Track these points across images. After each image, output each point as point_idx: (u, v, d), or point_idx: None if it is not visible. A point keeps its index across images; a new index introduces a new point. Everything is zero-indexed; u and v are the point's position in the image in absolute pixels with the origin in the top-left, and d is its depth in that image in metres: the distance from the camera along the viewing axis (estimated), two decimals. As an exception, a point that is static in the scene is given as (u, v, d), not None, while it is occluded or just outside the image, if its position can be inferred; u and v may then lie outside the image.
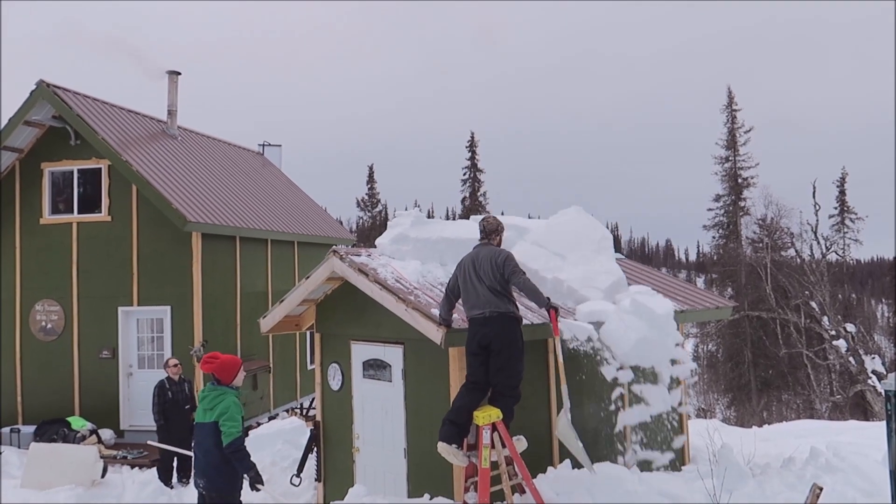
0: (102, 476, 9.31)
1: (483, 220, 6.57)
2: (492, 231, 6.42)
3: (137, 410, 12.72)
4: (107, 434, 12.17)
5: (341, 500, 6.94)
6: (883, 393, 4.92)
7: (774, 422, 20.96)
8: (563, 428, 6.27)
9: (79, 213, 13.27)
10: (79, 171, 13.32)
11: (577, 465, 6.94)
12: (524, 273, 6.08)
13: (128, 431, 12.65)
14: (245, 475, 5.87)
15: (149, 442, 9.67)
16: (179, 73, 16.31)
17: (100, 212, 13.16)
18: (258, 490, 5.94)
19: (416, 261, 7.67)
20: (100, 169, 13.17)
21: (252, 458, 5.91)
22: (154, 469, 10.00)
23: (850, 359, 26.06)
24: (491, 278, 5.98)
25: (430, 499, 6.68)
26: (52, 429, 11.54)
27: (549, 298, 6.14)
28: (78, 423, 11.88)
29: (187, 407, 10.09)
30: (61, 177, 13.46)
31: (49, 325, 13.18)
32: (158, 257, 12.86)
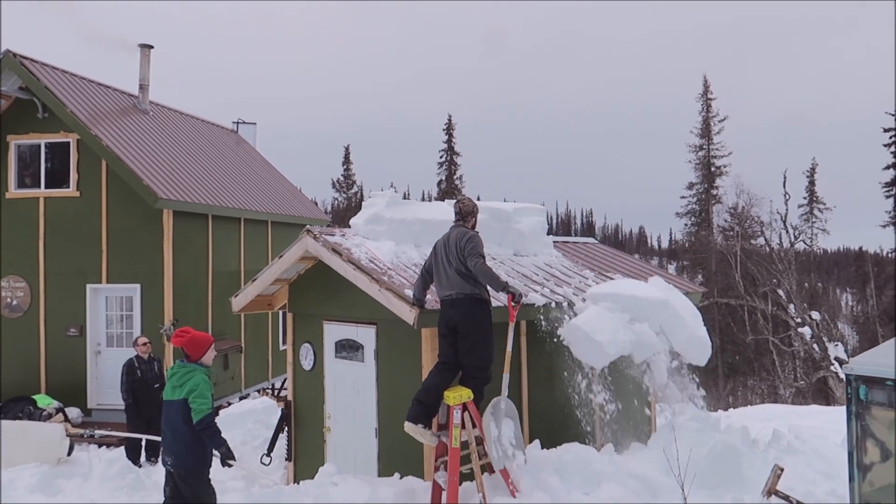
0: (69, 454, 9.20)
1: (458, 201, 6.56)
2: (467, 213, 6.42)
3: (106, 389, 12.56)
4: (73, 412, 12.02)
5: (311, 479, 6.95)
6: (844, 378, 5.06)
7: (740, 406, 21.41)
8: (489, 416, 6.00)
9: (46, 187, 12.98)
10: (46, 144, 13.02)
11: (546, 445, 7.04)
12: (482, 257, 5.92)
13: (96, 410, 12.51)
14: (216, 452, 5.83)
15: (110, 432, 9.61)
16: (152, 47, 15.98)
17: (68, 187, 12.89)
18: (230, 466, 5.92)
19: (391, 241, 7.65)
20: (68, 143, 12.88)
21: (223, 435, 5.88)
22: (122, 448, 9.92)
23: (815, 346, 26.69)
24: (457, 260, 6.01)
25: (401, 478, 6.73)
26: (18, 406, 11.36)
27: (507, 283, 5.95)
28: (44, 401, 11.71)
29: (156, 386, 9.99)
30: (28, 150, 13.14)
31: (14, 302, 12.92)
32: (128, 234, 12.66)
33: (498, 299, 6.57)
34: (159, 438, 8.43)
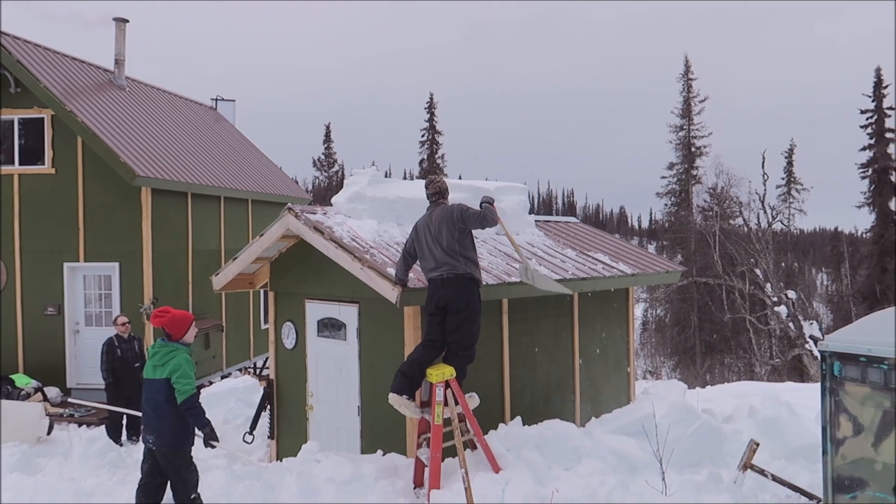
0: (48, 433, 9.15)
1: (431, 181, 6.47)
2: (444, 190, 6.43)
3: (85, 368, 12.46)
4: (52, 392, 11.91)
5: (294, 456, 6.98)
6: (819, 356, 5.16)
7: (717, 383, 21.79)
8: (529, 272, 6.56)
9: (20, 164, 12.73)
10: (20, 120, 12.74)
11: (527, 422, 7.12)
12: (472, 209, 6.17)
13: (75, 390, 12.40)
14: (200, 431, 5.83)
15: (95, 404, 9.53)
16: (127, 21, 15.65)
17: (43, 164, 12.65)
18: (212, 447, 5.90)
19: (373, 220, 7.62)
20: (42, 119, 12.62)
21: (206, 416, 5.86)
22: (103, 427, 9.87)
23: (790, 324, 27.16)
24: (448, 237, 6.00)
25: (383, 455, 6.78)
26: (-5, 386, 11.25)
27: (486, 199, 6.37)
28: (22, 380, 11.58)
29: (137, 365, 9.92)
30: (1, 126, 12.87)
31: (-10, 281, 12.72)
32: (106, 212, 12.48)
33: (487, 277, 6.60)
34: (139, 414, 8.41)
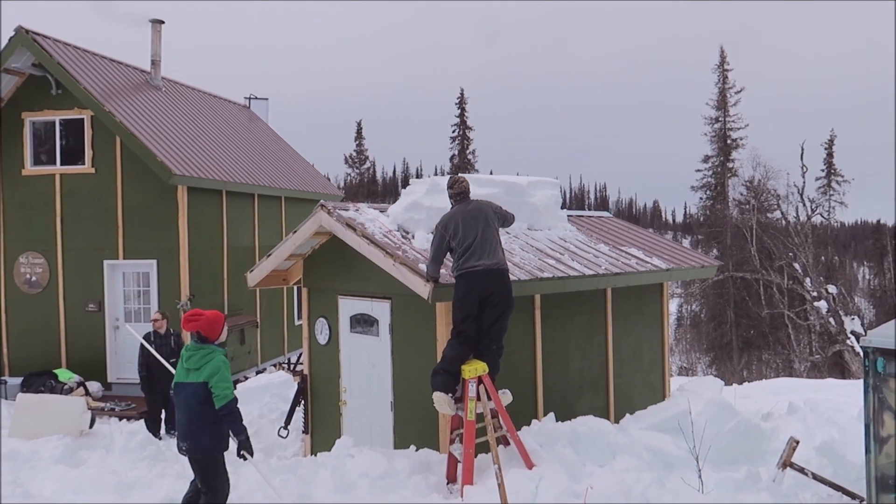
0: (90, 427, 9.37)
1: (455, 181, 6.48)
2: (468, 190, 6.47)
3: (125, 363, 12.73)
4: (94, 386, 12.22)
5: (328, 451, 7.04)
6: (861, 352, 5.02)
7: (754, 380, 21.41)
8: None
9: (62, 164, 13.05)
10: (61, 121, 13.06)
11: (560, 418, 7.07)
12: (503, 210, 6.56)
13: (115, 384, 12.70)
14: (235, 437, 5.62)
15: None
16: (163, 22, 15.91)
17: (83, 163, 12.96)
18: (245, 459, 5.67)
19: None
20: (82, 119, 12.92)
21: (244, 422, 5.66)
22: (142, 421, 10.08)
23: (831, 319, 26.53)
24: (493, 231, 6.16)
25: (416, 450, 6.80)
26: (40, 380, 11.57)
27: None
28: (65, 375, 11.90)
29: (172, 361, 10.11)
30: (43, 127, 13.19)
31: (34, 278, 13.08)
32: (144, 210, 12.73)
33: (518, 272, 6.57)
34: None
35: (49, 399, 9.53)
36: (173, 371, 6.27)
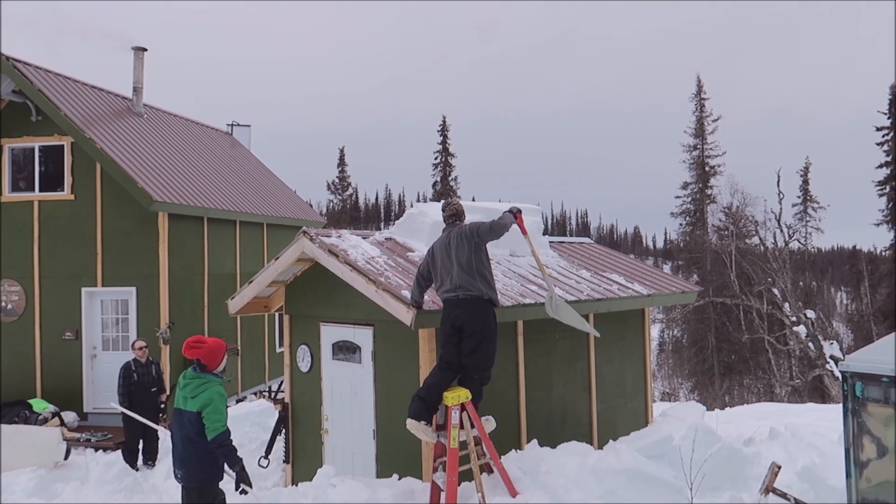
0: (65, 458, 9.18)
1: (448, 204, 6.52)
2: (461, 213, 6.45)
3: (102, 393, 12.51)
4: (70, 416, 11.97)
5: (310, 481, 6.94)
6: (840, 376, 5.07)
7: (736, 405, 21.47)
8: (555, 306, 6.49)
9: (40, 191, 12.93)
10: (40, 147, 12.96)
11: (544, 444, 7.04)
12: (484, 222, 6.16)
13: (92, 414, 12.46)
14: (230, 470, 5.54)
15: (112, 404, 9.46)
16: (145, 50, 15.94)
17: (62, 190, 12.84)
18: (244, 493, 5.58)
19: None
20: (62, 146, 12.84)
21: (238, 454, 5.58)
22: (119, 451, 9.89)
23: (810, 344, 26.78)
24: (467, 255, 5.97)
25: (399, 479, 6.72)
26: (14, 411, 11.31)
27: (511, 209, 6.37)
28: (40, 405, 11.66)
29: (154, 389, 9.97)
30: (22, 153, 13.09)
31: (9, 306, 12.87)
32: (124, 237, 12.62)
33: (502, 298, 6.58)
34: (156, 426, 8.35)
35: (23, 430, 9.34)
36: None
